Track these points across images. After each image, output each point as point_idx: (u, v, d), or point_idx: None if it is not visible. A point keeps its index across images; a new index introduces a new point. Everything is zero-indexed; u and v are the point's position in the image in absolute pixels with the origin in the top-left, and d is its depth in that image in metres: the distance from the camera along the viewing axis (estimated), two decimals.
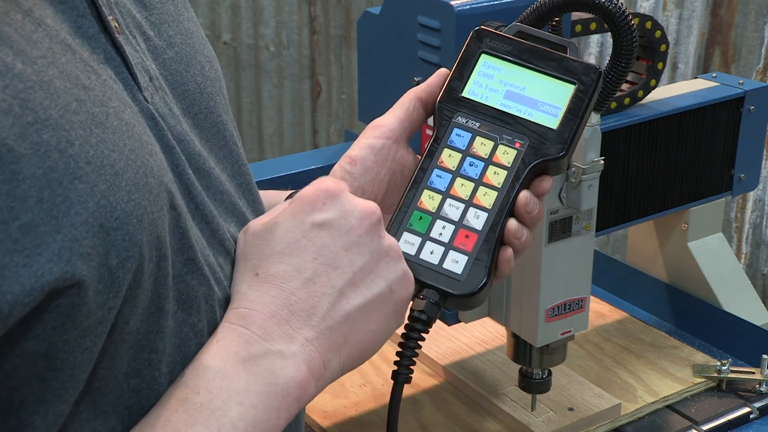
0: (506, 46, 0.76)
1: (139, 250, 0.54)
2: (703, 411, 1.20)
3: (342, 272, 0.62)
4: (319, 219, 0.63)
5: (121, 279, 0.53)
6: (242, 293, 0.62)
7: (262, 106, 2.79)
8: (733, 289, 1.43)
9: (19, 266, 0.48)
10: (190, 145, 0.65)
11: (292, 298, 0.61)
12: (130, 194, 0.53)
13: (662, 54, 1.30)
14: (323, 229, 0.63)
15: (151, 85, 0.62)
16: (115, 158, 0.53)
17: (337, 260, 0.62)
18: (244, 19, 2.72)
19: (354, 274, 0.63)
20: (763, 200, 2.45)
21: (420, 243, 0.71)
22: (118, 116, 0.56)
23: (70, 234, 0.50)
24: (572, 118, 0.73)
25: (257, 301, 0.61)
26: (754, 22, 2.39)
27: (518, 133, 0.73)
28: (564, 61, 0.74)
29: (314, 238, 0.63)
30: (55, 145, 0.50)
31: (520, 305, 1.05)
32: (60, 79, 0.52)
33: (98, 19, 0.59)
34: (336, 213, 0.63)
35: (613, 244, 2.59)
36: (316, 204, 0.64)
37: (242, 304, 0.62)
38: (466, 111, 0.74)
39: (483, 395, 1.21)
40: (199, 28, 0.74)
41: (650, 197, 1.33)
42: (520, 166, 0.72)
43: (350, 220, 0.63)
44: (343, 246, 0.63)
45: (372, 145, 0.74)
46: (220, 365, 0.58)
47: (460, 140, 0.74)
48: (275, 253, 0.63)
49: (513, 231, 0.71)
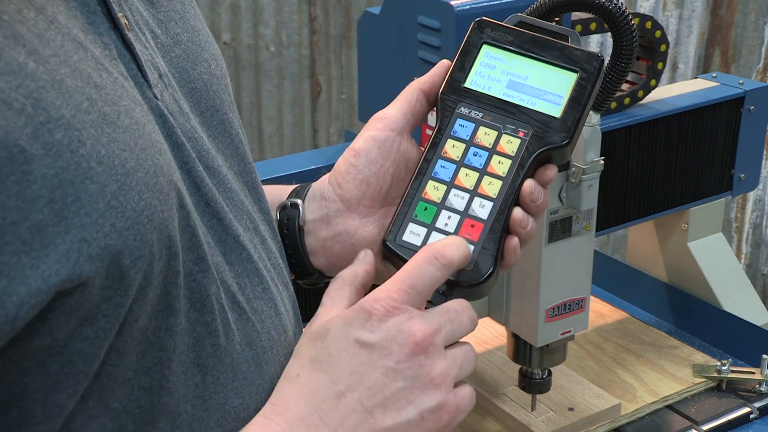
0: (508, 36, 0.76)
1: (149, 250, 0.54)
2: (703, 411, 1.20)
3: (373, 393, 0.64)
4: (364, 338, 0.64)
5: (132, 278, 0.53)
6: (282, 390, 0.65)
7: (262, 106, 2.79)
8: (733, 289, 1.43)
9: (26, 267, 0.48)
10: (200, 142, 0.65)
11: (323, 406, 0.63)
12: (141, 194, 0.54)
13: (662, 54, 1.30)
14: (364, 349, 0.64)
15: (161, 82, 0.63)
16: (126, 158, 0.53)
17: (370, 380, 0.64)
18: (244, 19, 2.72)
19: (386, 398, 0.64)
20: (763, 200, 2.45)
21: (426, 233, 0.71)
22: (129, 115, 0.56)
23: (80, 235, 0.50)
24: (575, 106, 0.73)
25: (292, 402, 0.64)
26: (754, 22, 2.39)
27: (522, 122, 0.73)
28: (566, 50, 0.74)
29: (355, 355, 0.64)
30: (66, 145, 0.50)
31: (520, 305, 1.05)
32: (72, 78, 0.52)
33: (108, 15, 0.59)
34: (381, 336, 0.64)
35: (613, 244, 2.59)
36: (368, 320, 0.65)
37: (279, 401, 0.64)
38: (468, 101, 0.74)
39: (483, 395, 1.21)
40: (205, 26, 0.74)
41: (650, 197, 1.33)
42: (525, 154, 0.72)
43: (392, 346, 0.64)
44: (380, 369, 0.64)
45: (376, 137, 0.75)
46: None
47: (464, 130, 0.74)
48: (317, 359, 0.65)
49: (518, 220, 0.71)
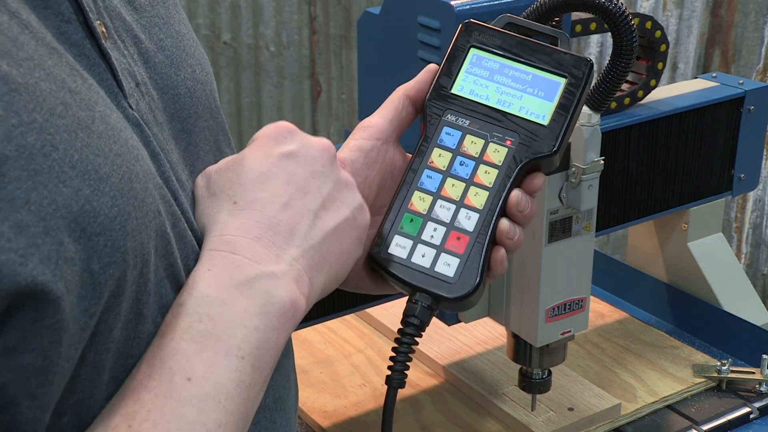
0: (495, 40, 0.74)
1: (122, 257, 0.53)
2: (703, 411, 1.20)
3: (313, 197, 0.65)
4: (285, 150, 0.65)
5: (103, 285, 0.52)
6: (222, 222, 0.63)
7: (262, 106, 2.79)
8: (733, 289, 1.43)
9: (16, 264, 0.47)
10: (170, 154, 0.65)
11: (274, 220, 0.63)
12: (114, 200, 0.53)
13: (662, 54, 1.30)
14: (290, 159, 0.65)
15: (137, 91, 0.62)
16: (100, 163, 0.53)
17: (307, 186, 0.65)
18: (244, 19, 2.72)
19: (324, 199, 0.65)
20: (763, 200, 2.45)
21: (411, 246, 0.70)
22: (105, 121, 0.55)
23: (57, 237, 0.49)
24: (563, 114, 0.71)
25: (242, 227, 0.62)
26: (754, 22, 2.39)
27: (509, 130, 0.72)
28: (555, 54, 0.73)
29: (284, 167, 0.65)
30: (39, 149, 0.50)
31: (520, 305, 1.05)
32: (46, 82, 0.52)
33: (84, 24, 0.58)
34: (299, 145, 0.66)
35: (613, 244, 2.59)
36: (279, 138, 0.66)
37: (227, 231, 0.62)
38: (455, 108, 0.73)
39: (483, 395, 1.21)
40: (190, 30, 0.73)
41: (650, 197, 1.33)
42: (511, 164, 0.71)
43: (312, 152, 0.66)
44: (310, 174, 0.65)
45: (361, 147, 0.73)
46: (216, 292, 0.59)
47: (450, 139, 0.72)
48: (249, 181, 0.64)
49: (505, 231, 0.70)
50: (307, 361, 1.32)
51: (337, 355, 1.34)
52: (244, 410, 0.58)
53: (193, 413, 0.55)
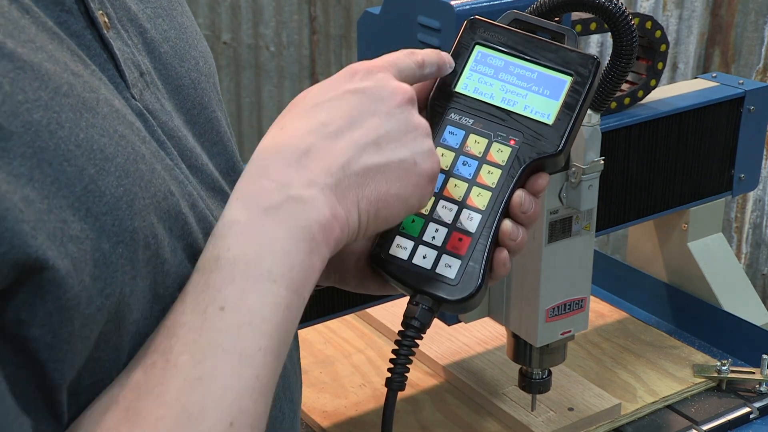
0: (501, 37, 0.73)
1: (131, 236, 0.53)
2: (703, 411, 1.20)
3: (365, 132, 0.63)
4: (353, 87, 0.64)
5: (115, 264, 0.52)
6: (264, 145, 0.63)
7: (262, 106, 2.79)
8: (733, 289, 1.43)
9: (28, 236, 0.47)
10: (183, 141, 0.64)
11: (314, 147, 0.61)
12: (120, 180, 0.53)
13: (662, 54, 1.30)
14: (354, 95, 0.64)
15: (141, 81, 0.62)
16: (105, 143, 0.53)
17: (361, 121, 0.63)
18: (244, 19, 2.72)
19: (379, 136, 0.63)
20: (763, 200, 2.45)
21: (413, 247, 0.69)
22: (108, 103, 0.55)
23: (60, 215, 0.49)
24: (568, 113, 0.70)
25: (278, 150, 0.62)
26: (754, 22, 2.39)
27: (513, 129, 0.71)
28: (561, 52, 0.72)
29: (344, 100, 0.63)
30: (45, 126, 0.50)
31: (520, 305, 1.05)
32: (50, 63, 0.52)
33: (86, 14, 0.58)
34: (372, 83, 0.64)
35: (613, 244, 2.59)
36: (352, 76, 0.65)
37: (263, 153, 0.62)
38: (459, 107, 0.72)
39: (483, 395, 1.21)
40: (193, 22, 0.73)
41: (650, 197, 1.33)
42: (515, 164, 0.70)
43: (382, 92, 0.64)
44: (371, 111, 0.63)
45: None
46: (245, 219, 0.58)
47: (453, 138, 0.71)
48: (303, 109, 0.63)
49: (508, 232, 0.69)
50: (307, 361, 1.32)
51: (337, 355, 1.34)
52: (284, 332, 0.57)
53: (229, 342, 0.55)
